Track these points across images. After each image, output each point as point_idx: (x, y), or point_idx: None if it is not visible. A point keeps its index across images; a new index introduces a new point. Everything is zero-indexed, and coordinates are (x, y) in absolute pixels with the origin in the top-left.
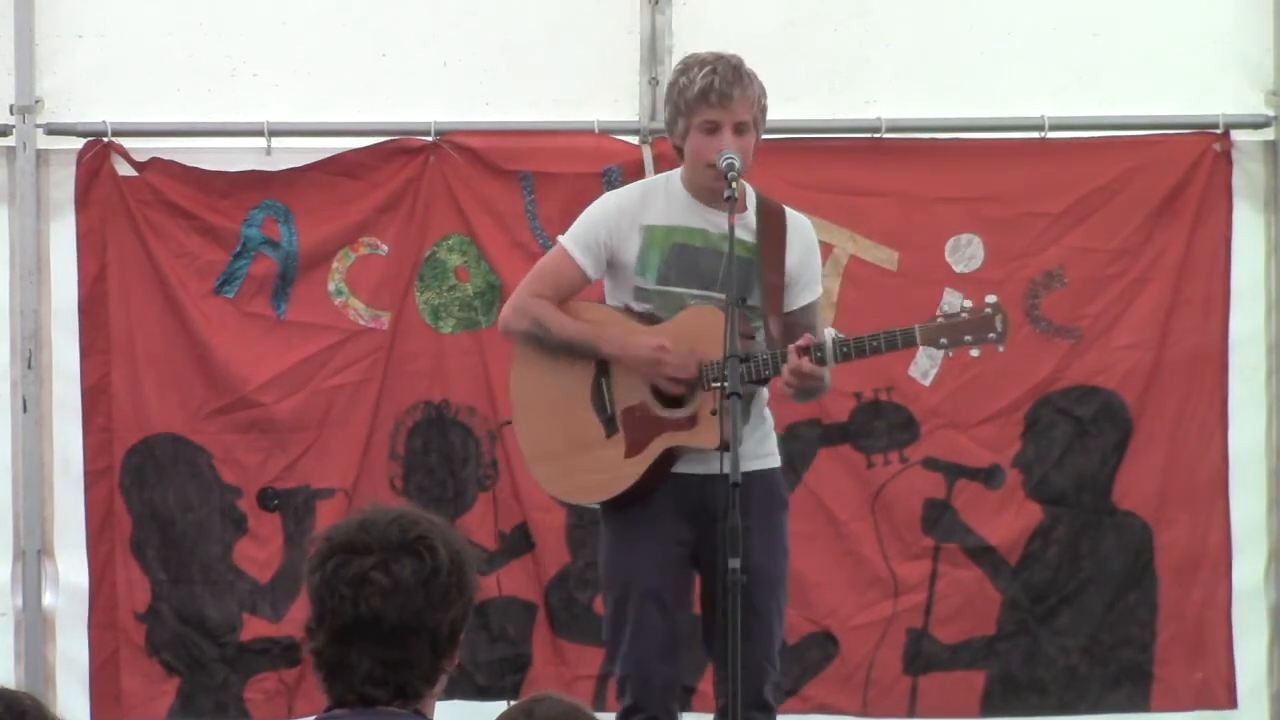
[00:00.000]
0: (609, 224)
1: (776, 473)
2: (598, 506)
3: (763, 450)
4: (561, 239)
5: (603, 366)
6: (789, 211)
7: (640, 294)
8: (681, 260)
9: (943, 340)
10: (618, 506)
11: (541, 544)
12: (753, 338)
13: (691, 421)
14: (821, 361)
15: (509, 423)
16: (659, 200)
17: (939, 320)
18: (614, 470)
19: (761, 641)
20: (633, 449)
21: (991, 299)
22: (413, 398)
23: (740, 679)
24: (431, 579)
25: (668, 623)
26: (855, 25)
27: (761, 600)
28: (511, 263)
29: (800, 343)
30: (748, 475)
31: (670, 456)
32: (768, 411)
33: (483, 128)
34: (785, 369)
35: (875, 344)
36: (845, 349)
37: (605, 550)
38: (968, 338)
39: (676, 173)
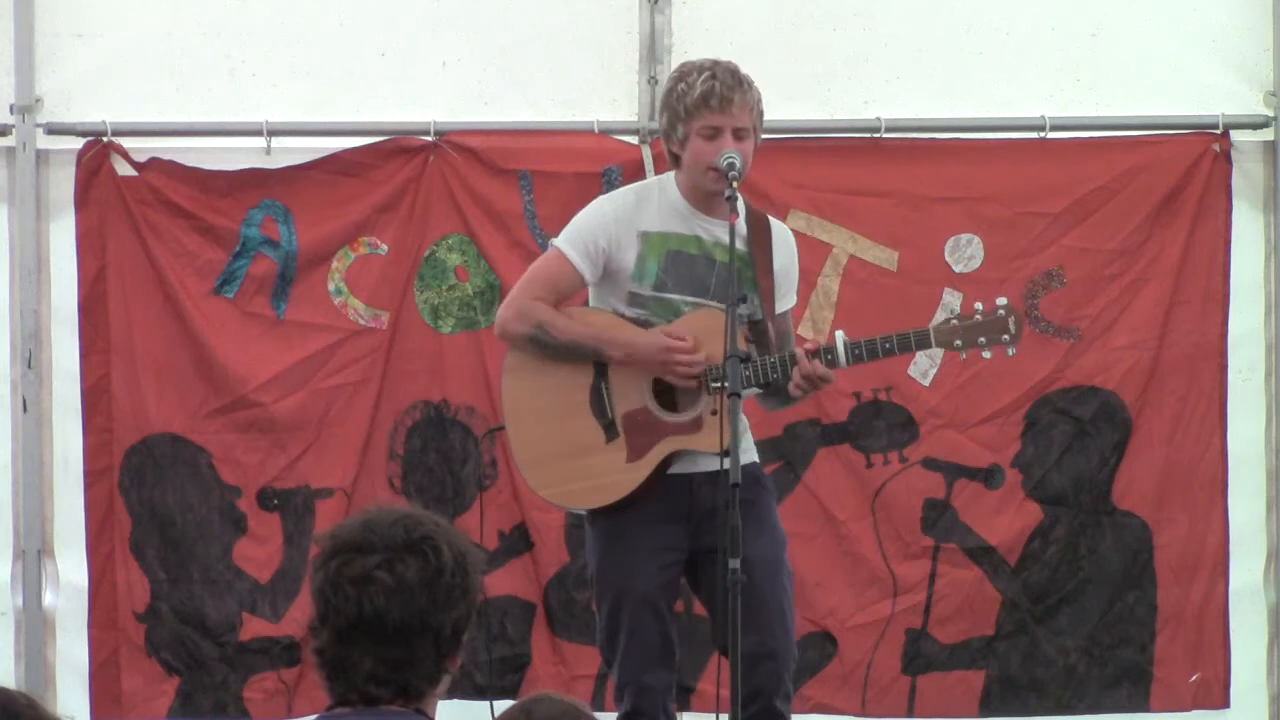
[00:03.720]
0: (609, 231)
1: (755, 465)
2: (584, 512)
3: (743, 446)
4: (556, 242)
5: (601, 371)
6: (772, 220)
7: (635, 299)
8: (678, 267)
9: (957, 342)
10: (608, 511)
11: (540, 543)
12: (756, 343)
13: (696, 425)
14: (833, 364)
15: (501, 428)
16: (654, 206)
17: (953, 322)
18: (615, 475)
19: (773, 629)
20: (635, 453)
21: (1003, 301)
22: (412, 397)
23: (749, 674)
24: (436, 579)
25: (661, 628)
26: (854, 25)
27: (766, 587)
28: (511, 262)
29: (809, 346)
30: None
31: (670, 461)
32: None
33: (482, 127)
34: (795, 372)
35: (888, 346)
36: (857, 351)
37: (596, 556)
38: (981, 339)
39: (670, 177)
